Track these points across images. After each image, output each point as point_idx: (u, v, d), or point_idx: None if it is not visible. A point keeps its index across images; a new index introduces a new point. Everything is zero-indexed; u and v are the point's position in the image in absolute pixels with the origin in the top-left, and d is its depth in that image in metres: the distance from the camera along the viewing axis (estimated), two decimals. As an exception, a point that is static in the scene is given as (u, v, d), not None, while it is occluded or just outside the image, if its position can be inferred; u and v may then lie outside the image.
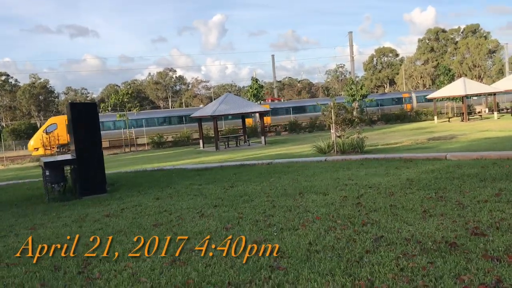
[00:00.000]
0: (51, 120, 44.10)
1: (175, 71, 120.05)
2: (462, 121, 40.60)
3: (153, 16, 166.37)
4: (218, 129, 37.83)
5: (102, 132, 39.84)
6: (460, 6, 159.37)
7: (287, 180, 10.45)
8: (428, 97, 43.64)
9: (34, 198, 10.97)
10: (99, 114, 43.21)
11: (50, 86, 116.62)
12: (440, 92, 42.80)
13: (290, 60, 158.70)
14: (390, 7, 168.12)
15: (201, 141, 35.78)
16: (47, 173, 10.31)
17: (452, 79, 49.67)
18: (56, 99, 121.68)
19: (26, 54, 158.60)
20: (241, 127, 40.33)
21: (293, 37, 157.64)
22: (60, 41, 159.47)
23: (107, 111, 40.73)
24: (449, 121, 41.85)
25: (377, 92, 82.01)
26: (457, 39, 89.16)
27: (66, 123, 41.29)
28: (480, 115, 41.98)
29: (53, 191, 10.53)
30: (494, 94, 41.55)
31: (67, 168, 11.09)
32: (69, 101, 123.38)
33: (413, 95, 56.56)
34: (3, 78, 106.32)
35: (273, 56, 72.41)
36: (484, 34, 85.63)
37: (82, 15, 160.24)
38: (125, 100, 38.98)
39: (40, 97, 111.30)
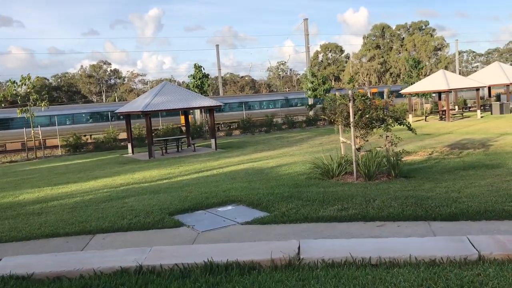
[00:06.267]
0: None
1: (109, 64, 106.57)
2: (441, 120, 33.02)
3: (83, 8, 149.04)
4: (153, 129, 27.86)
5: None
6: (391, 9, 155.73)
7: None
8: (402, 92, 35.77)
9: None
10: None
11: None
12: (417, 86, 35.00)
13: (228, 57, 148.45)
14: (323, 7, 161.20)
15: (129, 145, 25.45)
16: None
17: (419, 72, 42.36)
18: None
19: None
20: (184, 125, 30.54)
21: (231, 34, 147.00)
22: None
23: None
24: (425, 120, 34.16)
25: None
26: (403, 36, 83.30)
27: None
28: (461, 114, 34.62)
29: None
30: (478, 89, 34.32)
31: None
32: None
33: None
34: None
35: (217, 46, 61.96)
36: (430, 32, 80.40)
37: (4, 4, 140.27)
38: (29, 91, 27.72)
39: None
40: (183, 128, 34.20)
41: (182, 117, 36.60)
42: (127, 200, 10.35)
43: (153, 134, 25.06)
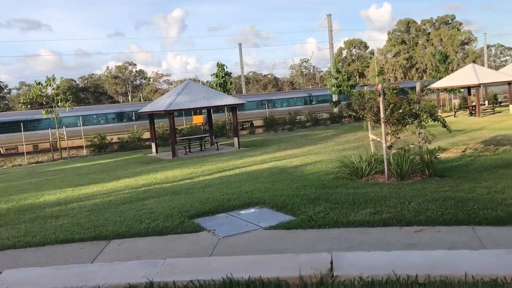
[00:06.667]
0: None
1: (135, 65, 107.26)
2: (471, 115, 31.70)
3: (108, 10, 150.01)
4: (177, 128, 27.60)
5: (22, 134, 27.66)
6: (415, 4, 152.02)
7: None
8: (430, 87, 34.49)
9: None
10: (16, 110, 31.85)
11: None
12: (446, 81, 33.71)
13: (251, 56, 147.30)
14: (346, 4, 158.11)
15: (153, 145, 25.21)
16: None
17: (447, 67, 40.89)
18: (8, 95, 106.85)
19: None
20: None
21: (253, 32, 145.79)
22: (10, 35, 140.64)
23: (25, 108, 28.89)
24: (455, 115, 32.84)
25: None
26: (429, 30, 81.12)
27: None
28: (492, 109, 33.19)
29: None
30: (510, 83, 32.76)
31: None
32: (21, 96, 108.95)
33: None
34: None
35: (240, 44, 61.62)
36: (457, 26, 78.06)
37: (33, 8, 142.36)
38: (53, 92, 27.77)
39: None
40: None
41: (195, 117, 36.25)
42: (147, 202, 9.91)
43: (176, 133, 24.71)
